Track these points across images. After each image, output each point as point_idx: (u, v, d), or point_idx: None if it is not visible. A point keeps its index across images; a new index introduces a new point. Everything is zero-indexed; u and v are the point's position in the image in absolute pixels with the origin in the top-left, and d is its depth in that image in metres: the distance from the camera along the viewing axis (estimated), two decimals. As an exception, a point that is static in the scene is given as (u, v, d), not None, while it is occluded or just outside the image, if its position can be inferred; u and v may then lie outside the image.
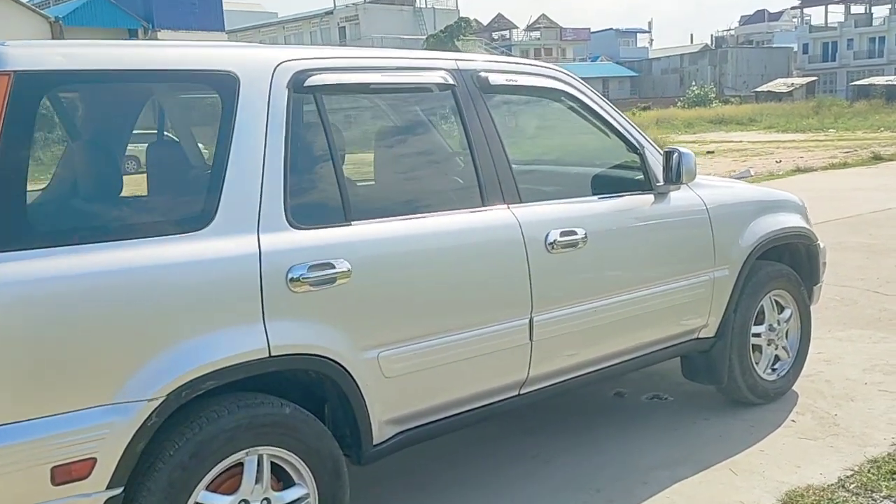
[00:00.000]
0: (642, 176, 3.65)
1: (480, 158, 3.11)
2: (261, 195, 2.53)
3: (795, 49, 72.34)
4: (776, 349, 4.26)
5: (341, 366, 2.63)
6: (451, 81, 3.10)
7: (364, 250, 2.70)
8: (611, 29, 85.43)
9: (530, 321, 3.13)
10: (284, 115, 2.63)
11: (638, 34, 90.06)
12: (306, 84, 2.71)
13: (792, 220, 4.26)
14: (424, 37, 50.01)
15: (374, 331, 2.72)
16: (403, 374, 2.81)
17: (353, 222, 2.72)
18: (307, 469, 2.61)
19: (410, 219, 2.87)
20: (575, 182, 3.87)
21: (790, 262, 4.44)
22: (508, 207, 3.12)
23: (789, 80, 61.22)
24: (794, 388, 4.36)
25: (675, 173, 3.55)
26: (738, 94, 60.55)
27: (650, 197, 3.63)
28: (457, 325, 2.93)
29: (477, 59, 3.27)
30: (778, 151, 22.50)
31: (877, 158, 17.21)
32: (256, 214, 2.51)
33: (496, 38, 76.11)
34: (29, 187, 2.22)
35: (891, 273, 6.93)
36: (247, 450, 2.47)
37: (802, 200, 4.53)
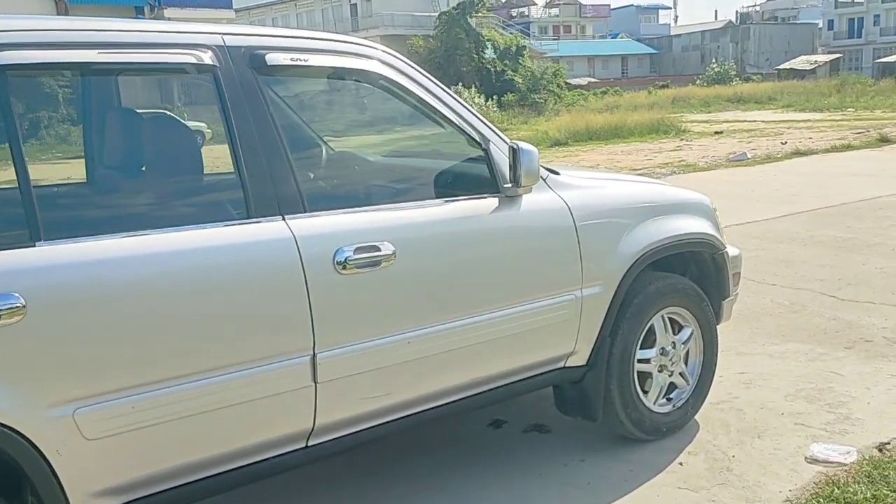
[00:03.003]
0: (487, 176, 3.03)
1: (247, 158, 2.50)
2: None
3: (820, 25, 70.51)
4: (671, 376, 3.63)
5: (10, 428, 2.06)
6: (209, 62, 2.49)
7: (51, 280, 2.11)
8: (631, 5, 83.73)
9: (313, 359, 2.54)
10: (-59, 107, 2.05)
11: (660, 10, 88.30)
12: None
13: (691, 225, 3.61)
14: (437, 13, 48.93)
15: (65, 382, 2.14)
16: (118, 433, 2.23)
17: (40, 243, 2.13)
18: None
19: (132, 236, 2.27)
20: (391, 185, 3.24)
21: (696, 274, 3.82)
22: (284, 219, 2.52)
23: (812, 58, 59.65)
24: (697, 418, 3.75)
25: (516, 174, 2.93)
26: (759, 71, 59.21)
27: (493, 201, 3.00)
28: (199, 369, 2.34)
29: (252, 34, 2.64)
30: (788, 132, 21.65)
31: (883, 141, 16.31)
32: None
33: (514, 14, 74.79)
34: None
35: (856, 273, 6.23)
36: None
37: (711, 202, 3.87)
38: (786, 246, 7.35)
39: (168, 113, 2.85)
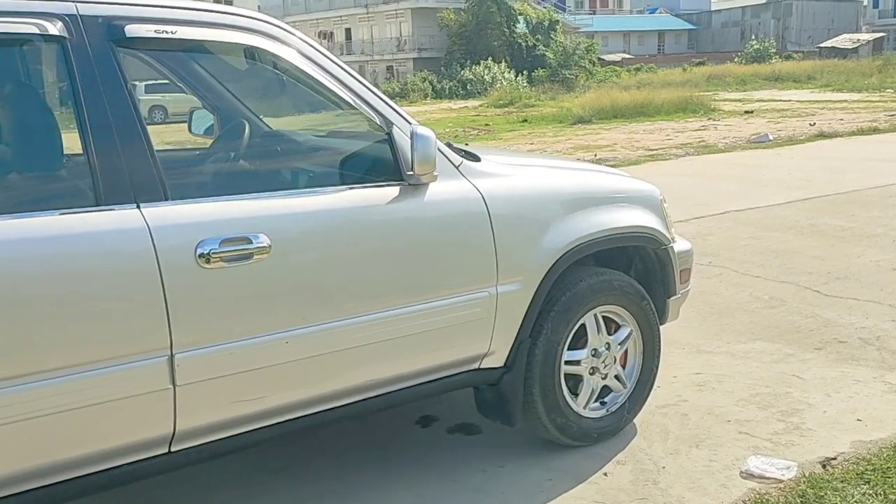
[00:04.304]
0: (391, 162, 2.79)
1: (98, 140, 2.29)
2: None
3: (865, 3, 68.45)
4: (604, 379, 3.38)
5: None
6: (58, 32, 2.27)
7: None
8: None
9: (171, 359, 2.34)
10: None
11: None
12: None
13: (630, 218, 3.34)
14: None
15: None
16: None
17: None
18: None
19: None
20: (273, 171, 2.99)
21: (642, 270, 3.56)
22: (138, 207, 2.31)
23: (856, 36, 57.91)
24: (636, 423, 3.51)
25: (411, 160, 2.69)
26: (801, 49, 57.77)
27: (394, 190, 2.76)
28: (35, 369, 2.15)
29: (111, 2, 2.40)
30: (821, 113, 21.01)
31: (913, 124, 15.71)
32: None
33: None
34: None
35: (848, 266, 5.89)
36: None
37: (659, 192, 3.59)
38: (781, 235, 7.00)
39: (27, 85, 2.63)
